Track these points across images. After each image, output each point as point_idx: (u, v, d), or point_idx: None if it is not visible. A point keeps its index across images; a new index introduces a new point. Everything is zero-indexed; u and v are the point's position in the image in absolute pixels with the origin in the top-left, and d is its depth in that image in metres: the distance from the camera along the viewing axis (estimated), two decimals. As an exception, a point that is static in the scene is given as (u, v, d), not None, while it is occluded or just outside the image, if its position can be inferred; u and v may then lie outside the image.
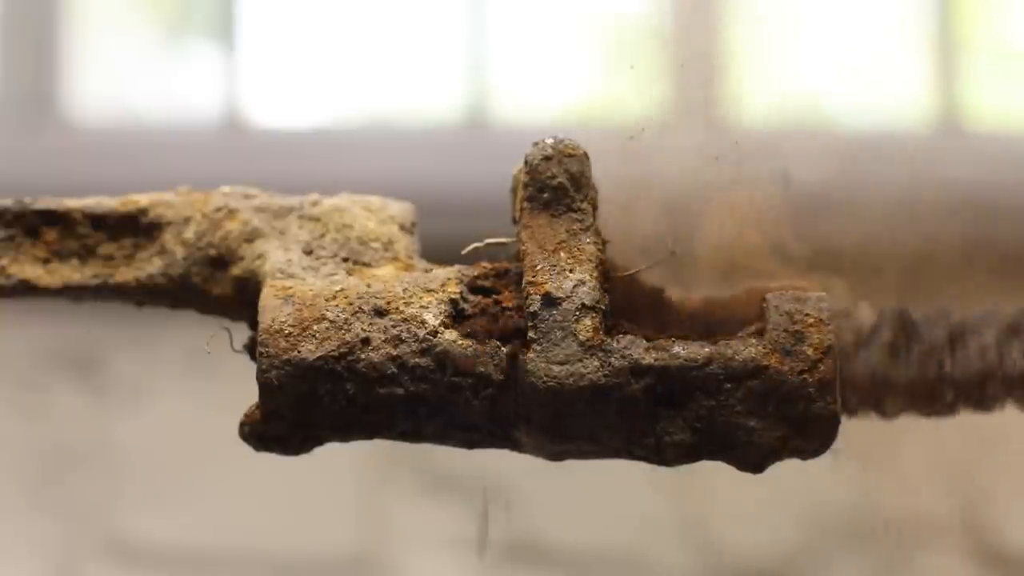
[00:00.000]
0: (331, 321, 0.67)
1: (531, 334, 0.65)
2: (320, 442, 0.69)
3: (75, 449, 1.70)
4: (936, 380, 0.68)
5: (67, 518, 1.70)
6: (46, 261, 0.74)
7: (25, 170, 1.73)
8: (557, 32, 1.84)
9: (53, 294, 0.74)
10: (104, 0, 1.91)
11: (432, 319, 0.67)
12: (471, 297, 0.67)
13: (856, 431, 0.69)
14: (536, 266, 0.66)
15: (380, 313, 0.67)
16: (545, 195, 0.67)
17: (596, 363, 0.65)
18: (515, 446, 0.68)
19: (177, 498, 1.69)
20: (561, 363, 0.65)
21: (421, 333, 0.67)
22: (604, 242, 0.68)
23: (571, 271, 0.66)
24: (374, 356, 0.67)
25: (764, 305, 0.67)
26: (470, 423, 0.67)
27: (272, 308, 0.68)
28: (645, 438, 0.67)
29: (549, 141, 0.68)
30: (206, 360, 0.72)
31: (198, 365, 1.57)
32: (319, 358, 0.67)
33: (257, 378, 0.67)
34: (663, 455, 0.67)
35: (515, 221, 0.69)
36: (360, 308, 0.67)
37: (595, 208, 0.68)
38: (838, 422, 0.66)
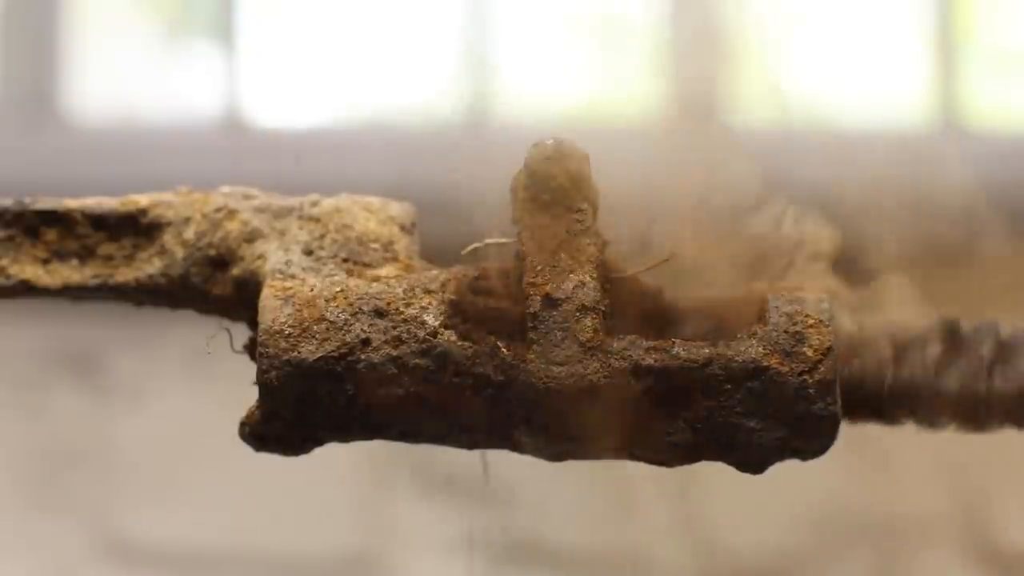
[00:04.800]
0: (331, 322, 0.67)
1: (531, 335, 0.65)
2: (320, 442, 0.69)
3: (75, 449, 1.70)
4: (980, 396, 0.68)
5: (67, 518, 1.70)
6: (46, 261, 0.74)
7: (25, 170, 1.73)
8: (558, 32, 1.84)
9: (53, 294, 0.74)
10: (104, 0, 1.91)
11: (432, 320, 0.67)
12: (471, 298, 0.67)
13: (856, 431, 0.69)
14: (536, 267, 0.66)
15: (380, 314, 0.67)
16: (545, 196, 0.67)
17: (596, 364, 0.65)
18: (515, 446, 0.68)
19: (177, 498, 1.69)
20: (561, 364, 0.65)
21: (421, 334, 0.67)
22: (604, 243, 0.68)
23: (571, 272, 0.66)
24: (374, 357, 0.67)
25: (764, 306, 0.67)
26: (470, 423, 0.67)
27: (272, 309, 0.68)
28: (645, 438, 0.67)
29: (549, 142, 0.68)
30: (206, 360, 0.72)
31: (198, 365, 1.57)
32: (319, 359, 0.67)
33: (257, 378, 0.67)
34: (663, 455, 0.68)
35: (515, 221, 0.69)
36: (360, 309, 0.67)
37: (595, 209, 0.68)
38: (838, 423, 0.66)
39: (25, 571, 1.71)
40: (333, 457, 0.79)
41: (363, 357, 0.67)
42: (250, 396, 0.68)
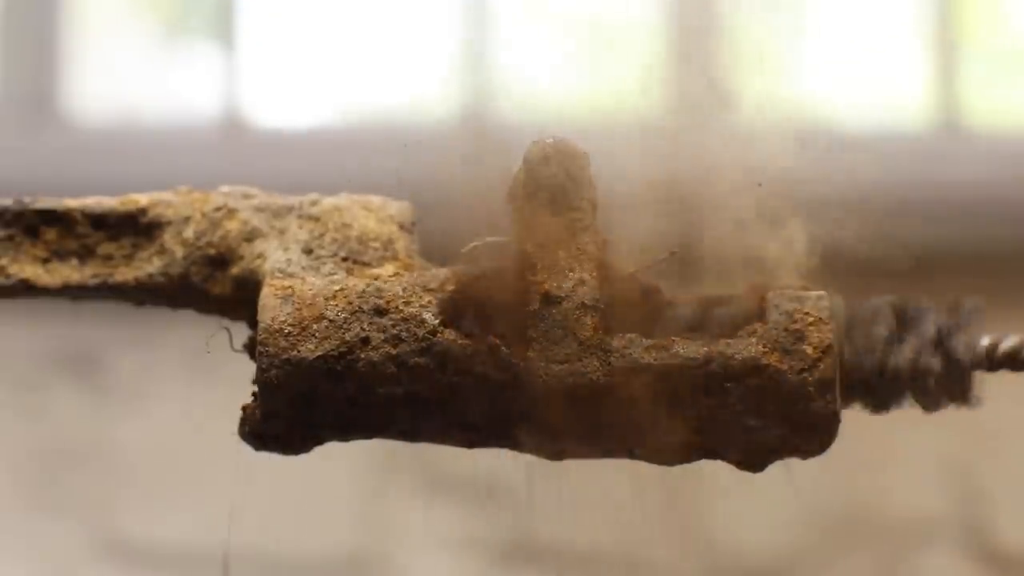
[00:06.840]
0: (331, 320, 0.67)
1: (531, 333, 0.65)
2: (320, 442, 0.69)
3: (75, 449, 1.70)
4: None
5: (67, 518, 1.70)
6: (46, 261, 0.74)
7: (25, 170, 1.73)
8: (558, 31, 1.84)
9: (53, 294, 0.74)
10: (104, 0, 1.91)
11: (432, 318, 0.67)
12: (471, 296, 0.67)
13: (856, 430, 0.69)
14: (536, 265, 0.66)
15: (380, 312, 0.67)
16: (544, 194, 0.67)
17: (596, 362, 0.65)
18: (515, 446, 0.68)
19: (177, 498, 1.69)
20: (561, 362, 0.65)
21: (421, 332, 0.67)
22: (604, 241, 0.68)
23: (571, 270, 0.66)
24: (374, 356, 0.67)
25: (764, 304, 0.67)
26: (470, 423, 0.67)
27: (272, 307, 0.68)
28: (645, 438, 0.67)
29: (548, 141, 0.68)
30: (206, 360, 0.72)
31: (198, 365, 1.57)
32: (319, 358, 0.67)
33: (257, 378, 0.67)
34: (663, 455, 0.67)
35: (515, 220, 0.69)
36: (360, 308, 0.67)
37: (595, 207, 0.68)
38: (838, 421, 0.66)
39: (25, 571, 1.71)
40: (333, 457, 0.79)
41: (363, 356, 0.67)
42: (250, 396, 0.68)
